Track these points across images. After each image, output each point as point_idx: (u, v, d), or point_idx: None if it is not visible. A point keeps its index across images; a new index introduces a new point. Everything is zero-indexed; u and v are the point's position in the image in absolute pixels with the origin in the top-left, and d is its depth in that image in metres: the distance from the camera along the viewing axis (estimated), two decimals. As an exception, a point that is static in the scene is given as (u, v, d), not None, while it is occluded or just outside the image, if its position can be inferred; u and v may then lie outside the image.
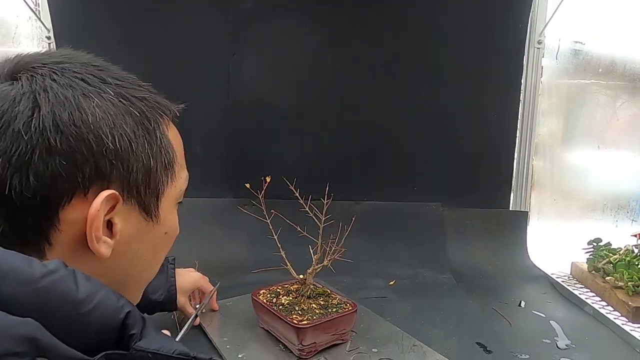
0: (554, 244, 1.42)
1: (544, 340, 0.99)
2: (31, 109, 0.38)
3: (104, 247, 0.42)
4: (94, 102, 0.41)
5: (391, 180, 1.43)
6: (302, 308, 0.90)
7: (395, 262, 1.34)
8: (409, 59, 1.38)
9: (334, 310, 0.89)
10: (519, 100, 1.39)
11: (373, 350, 0.89)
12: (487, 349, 0.93)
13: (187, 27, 1.34)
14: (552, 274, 1.33)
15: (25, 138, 0.38)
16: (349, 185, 1.41)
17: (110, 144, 0.41)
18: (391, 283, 1.26)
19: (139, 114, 0.44)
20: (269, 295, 0.96)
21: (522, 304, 1.16)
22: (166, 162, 0.47)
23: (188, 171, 0.51)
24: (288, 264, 0.96)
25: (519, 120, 1.40)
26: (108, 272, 0.44)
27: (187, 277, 0.97)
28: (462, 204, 1.44)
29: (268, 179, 0.96)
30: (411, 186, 1.44)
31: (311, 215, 0.97)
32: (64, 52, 0.46)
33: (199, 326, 0.97)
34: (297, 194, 0.97)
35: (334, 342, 0.89)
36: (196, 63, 1.35)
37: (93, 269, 0.42)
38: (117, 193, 0.41)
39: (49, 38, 1.35)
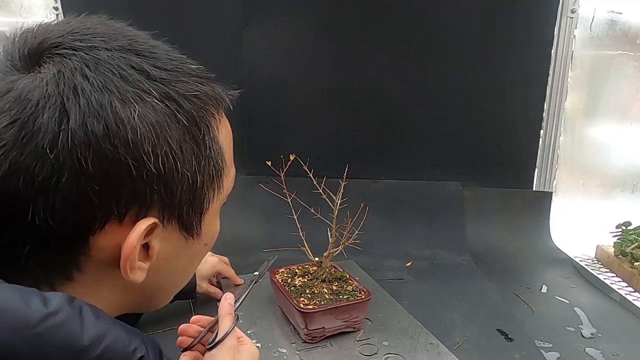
0: (578, 225, 1.36)
1: (567, 328, 0.95)
2: (58, 120, 0.32)
3: (139, 273, 0.38)
4: (135, 110, 0.34)
5: (409, 158, 1.38)
6: (313, 292, 0.87)
7: (412, 242, 1.30)
8: (431, 29, 1.30)
9: (345, 297, 0.86)
10: (548, 73, 1.30)
11: (384, 343, 0.85)
12: (508, 336, 0.90)
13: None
14: (574, 256, 1.28)
15: (51, 157, 0.32)
16: (365, 163, 1.37)
17: (152, 167, 0.35)
18: (408, 264, 1.23)
19: (188, 119, 0.38)
20: (285, 275, 0.94)
21: (544, 288, 1.11)
22: (214, 174, 0.41)
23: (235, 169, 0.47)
24: (306, 245, 0.93)
25: (547, 95, 1.32)
26: (141, 289, 0.40)
27: (205, 262, 0.94)
28: (483, 183, 1.38)
29: (292, 157, 0.91)
30: (430, 164, 1.38)
31: (325, 197, 0.93)
32: (98, 24, 0.39)
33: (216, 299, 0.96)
34: (311, 174, 0.93)
35: (345, 329, 0.86)
36: (208, 34, 1.30)
37: (124, 288, 0.39)
38: (157, 221, 0.37)
39: (56, 9, 1.30)
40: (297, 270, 0.95)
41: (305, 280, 0.92)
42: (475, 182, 1.38)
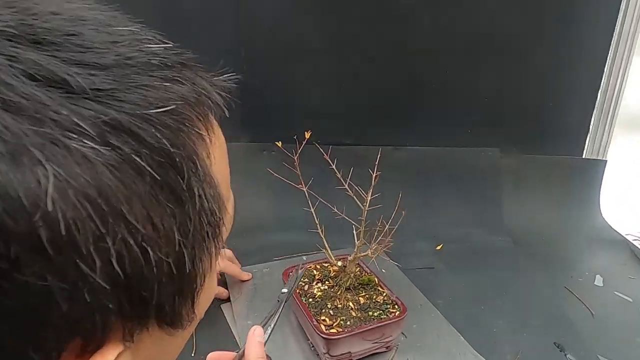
0: (634, 200, 1.19)
1: (638, 339, 0.80)
2: None
3: None
4: (47, 175, 0.18)
5: (439, 121, 1.17)
6: (336, 306, 0.71)
7: (442, 220, 1.13)
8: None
9: (376, 313, 0.70)
10: (615, 21, 1.07)
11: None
12: (567, 355, 0.75)
13: None
14: (626, 234, 1.12)
15: None
16: (387, 127, 1.17)
17: (96, 280, 0.20)
18: (438, 248, 1.06)
19: (159, 164, 0.21)
20: (301, 280, 0.78)
21: (599, 280, 0.96)
22: (210, 233, 0.26)
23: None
24: (326, 244, 0.76)
25: (611, 47, 1.09)
26: None
27: None
28: (525, 149, 1.19)
29: (308, 135, 0.72)
30: (463, 128, 1.18)
31: (339, 175, 0.75)
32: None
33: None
34: (324, 142, 0.74)
35: (375, 351, 0.71)
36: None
37: None
38: (120, 348, 0.23)
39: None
40: (315, 273, 0.79)
41: (326, 287, 0.76)
42: (515, 148, 1.19)
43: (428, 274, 0.97)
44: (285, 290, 0.66)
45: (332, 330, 0.66)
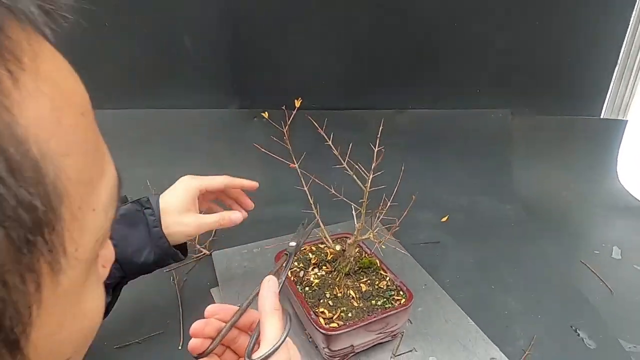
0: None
1: (661, 320, 0.74)
2: None
3: None
4: None
5: (446, 81, 1.07)
6: (335, 295, 0.65)
7: (448, 188, 1.06)
8: None
9: (379, 302, 0.64)
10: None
11: (431, 357, 0.65)
12: (584, 339, 0.69)
13: None
14: (643, 199, 1.05)
15: None
16: (389, 88, 1.07)
17: None
18: (443, 219, 0.99)
19: None
20: (296, 264, 0.71)
21: (617, 252, 0.90)
22: (21, 239, 0.17)
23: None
24: (322, 225, 0.68)
25: (636, 5, 0.97)
26: None
27: (177, 196, 0.64)
28: (538, 110, 1.10)
29: (298, 103, 0.63)
30: (472, 88, 1.08)
31: (336, 153, 0.67)
32: None
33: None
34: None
35: (379, 342, 0.66)
36: None
37: None
38: None
39: None
40: (310, 256, 0.72)
41: (324, 272, 0.69)
42: (528, 109, 1.09)
43: (433, 249, 0.90)
44: (293, 243, 0.59)
45: (332, 325, 0.60)
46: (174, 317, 0.72)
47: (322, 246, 0.75)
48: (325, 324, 0.60)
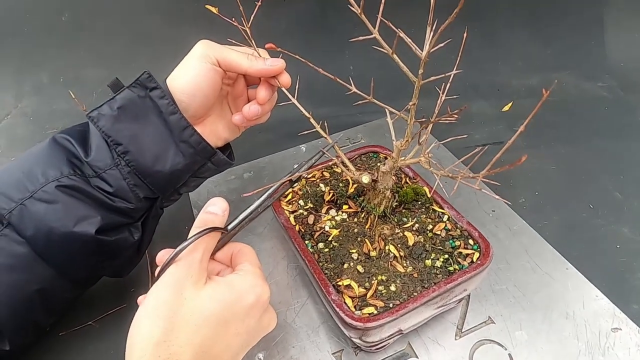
0: None
1: None
2: None
3: None
4: None
5: None
6: (367, 253, 0.41)
7: (515, 63, 0.77)
8: None
9: (439, 261, 0.40)
10: None
11: (516, 334, 0.42)
12: None
13: None
14: None
15: None
16: None
17: None
18: (506, 108, 0.71)
19: None
20: (302, 202, 0.46)
21: None
22: None
23: None
24: (337, 148, 0.42)
25: None
26: None
27: (189, 75, 0.40)
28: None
29: None
30: None
31: (356, 7, 0.38)
32: None
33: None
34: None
35: (440, 313, 0.43)
36: None
37: None
38: None
39: None
40: (323, 188, 0.47)
41: (345, 216, 0.44)
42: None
43: (494, 154, 0.64)
44: (296, 165, 0.41)
45: (366, 310, 0.36)
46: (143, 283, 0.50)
47: (338, 170, 0.49)
48: (355, 308, 0.37)
